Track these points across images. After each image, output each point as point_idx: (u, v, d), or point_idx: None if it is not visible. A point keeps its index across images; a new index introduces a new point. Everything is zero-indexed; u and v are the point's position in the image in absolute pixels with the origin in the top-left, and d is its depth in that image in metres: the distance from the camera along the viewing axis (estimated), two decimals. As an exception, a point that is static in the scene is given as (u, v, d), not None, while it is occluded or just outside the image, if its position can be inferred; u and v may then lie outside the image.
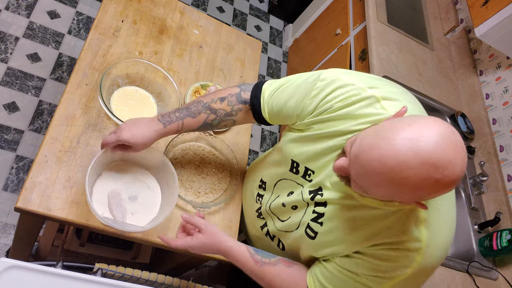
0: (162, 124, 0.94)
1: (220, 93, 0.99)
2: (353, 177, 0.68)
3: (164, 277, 0.96)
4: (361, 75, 0.85)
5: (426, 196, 0.63)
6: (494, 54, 2.02)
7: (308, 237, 0.89)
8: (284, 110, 0.91)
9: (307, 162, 0.89)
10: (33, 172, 0.91)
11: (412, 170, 0.58)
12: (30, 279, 0.69)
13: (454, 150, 0.59)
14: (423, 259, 0.75)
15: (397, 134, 0.60)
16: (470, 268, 1.50)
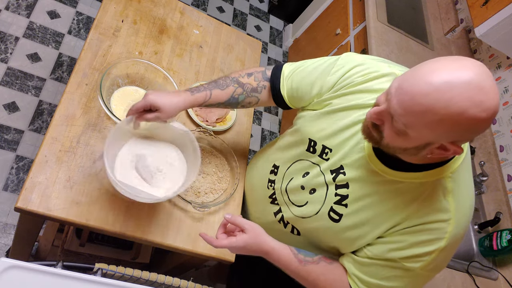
0: (190, 92, 0.95)
1: (247, 70, 1.02)
2: (394, 113, 0.66)
3: (164, 277, 0.96)
4: (376, 57, 0.89)
5: (467, 127, 0.62)
6: (494, 54, 2.02)
7: (332, 220, 0.87)
8: (304, 86, 0.93)
9: (325, 139, 0.88)
10: (33, 172, 0.91)
11: (458, 89, 0.60)
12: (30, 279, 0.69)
13: (492, 79, 0.62)
14: (454, 228, 0.76)
15: (440, 64, 0.64)
16: (470, 268, 1.50)
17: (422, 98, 0.62)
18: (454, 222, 0.76)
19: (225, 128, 1.25)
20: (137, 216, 0.99)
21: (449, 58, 0.64)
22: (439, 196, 0.76)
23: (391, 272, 0.82)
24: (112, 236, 0.97)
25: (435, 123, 0.63)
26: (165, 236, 1.01)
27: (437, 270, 0.82)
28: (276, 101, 1.01)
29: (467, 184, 0.80)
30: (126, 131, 0.93)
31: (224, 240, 0.88)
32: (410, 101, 0.64)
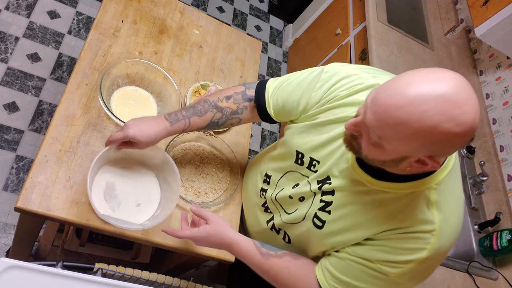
0: (168, 122, 0.95)
1: (225, 92, 1.00)
2: (369, 124, 0.66)
3: (164, 277, 0.96)
4: (362, 66, 0.88)
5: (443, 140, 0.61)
6: (494, 54, 2.02)
7: (315, 227, 0.87)
8: (289, 103, 0.92)
9: (312, 152, 0.89)
10: (33, 172, 0.91)
11: (431, 102, 0.58)
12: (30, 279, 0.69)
13: (469, 92, 0.60)
14: (437, 240, 0.75)
15: (416, 75, 0.62)
16: (470, 268, 1.50)
17: (396, 111, 0.61)
18: (438, 234, 0.75)
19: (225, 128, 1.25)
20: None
21: (426, 70, 0.63)
22: (423, 208, 0.75)
23: (364, 273, 0.80)
24: (112, 236, 0.97)
25: (409, 136, 0.62)
26: (165, 236, 1.01)
27: (416, 280, 0.81)
28: (263, 118, 1.00)
29: (454, 195, 0.79)
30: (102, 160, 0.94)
31: (187, 231, 0.91)
32: (384, 113, 0.63)
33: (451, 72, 0.62)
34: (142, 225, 0.92)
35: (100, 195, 0.95)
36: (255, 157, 1.21)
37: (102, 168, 0.98)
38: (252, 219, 1.12)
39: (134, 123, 0.92)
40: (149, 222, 0.95)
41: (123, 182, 0.99)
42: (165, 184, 1.03)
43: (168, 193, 1.01)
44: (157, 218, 0.94)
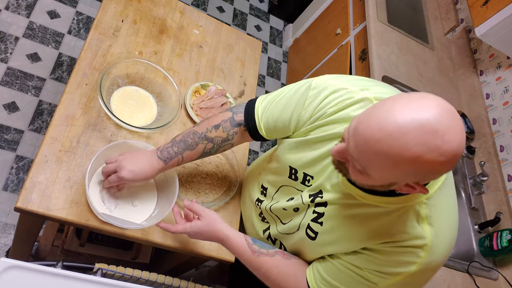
0: (162, 161, 0.95)
1: (212, 121, 0.98)
2: (352, 154, 0.66)
3: (164, 277, 0.96)
4: (350, 78, 0.85)
5: (426, 169, 0.60)
6: (494, 54, 2.02)
7: (309, 238, 0.88)
8: (280, 122, 0.91)
9: (305, 168, 0.88)
10: (33, 172, 0.91)
11: (411, 134, 0.57)
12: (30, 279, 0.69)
13: (453, 119, 0.58)
14: (428, 255, 0.75)
15: (397, 103, 0.60)
16: (470, 268, 1.50)
17: (375, 144, 0.60)
18: (429, 249, 0.74)
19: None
20: (137, 216, 0.99)
21: (407, 98, 0.61)
22: (413, 222, 0.74)
23: (354, 279, 0.81)
24: (112, 236, 0.97)
25: (391, 167, 0.61)
26: (165, 236, 1.01)
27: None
28: (255, 139, 0.99)
29: (447, 210, 0.78)
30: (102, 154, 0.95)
31: (179, 226, 0.93)
32: (365, 145, 0.62)
33: (433, 99, 0.60)
34: (140, 225, 0.93)
35: (97, 194, 0.95)
36: (253, 165, 1.21)
37: (100, 168, 0.98)
38: (250, 227, 1.13)
39: (128, 164, 0.91)
40: (146, 223, 0.95)
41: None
42: (162, 184, 1.03)
43: (165, 193, 1.01)
44: (154, 218, 0.95)
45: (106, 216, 0.89)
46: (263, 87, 2.72)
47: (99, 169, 0.98)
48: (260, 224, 1.07)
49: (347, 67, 2.06)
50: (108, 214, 0.93)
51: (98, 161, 0.93)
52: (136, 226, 0.92)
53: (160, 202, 1.01)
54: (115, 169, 0.92)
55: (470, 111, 2.02)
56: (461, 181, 1.75)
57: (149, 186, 1.04)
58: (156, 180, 1.05)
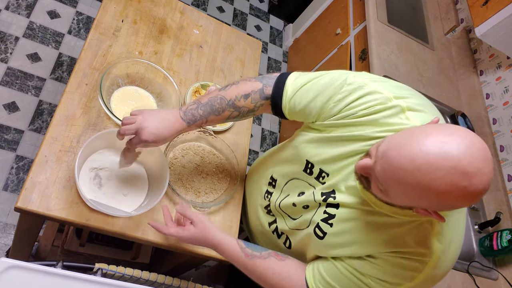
0: (186, 123, 0.92)
1: (242, 88, 0.96)
2: (377, 176, 0.67)
3: (164, 277, 0.96)
4: (388, 83, 0.83)
5: (449, 204, 0.62)
6: (494, 54, 2.02)
7: (316, 236, 0.88)
8: (307, 109, 0.89)
9: (323, 164, 0.87)
10: (33, 172, 0.91)
11: (440, 172, 0.58)
12: (30, 279, 0.69)
13: (484, 160, 0.59)
14: (431, 270, 0.76)
15: (430, 136, 0.61)
16: (470, 268, 1.50)
17: (404, 174, 0.61)
18: (433, 264, 0.75)
19: (225, 128, 1.25)
20: (137, 216, 0.99)
21: (443, 131, 0.61)
22: (424, 237, 0.75)
23: (354, 284, 0.82)
24: (112, 236, 0.97)
25: (415, 198, 0.63)
26: (165, 236, 1.01)
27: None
28: (276, 114, 0.98)
29: (457, 229, 0.78)
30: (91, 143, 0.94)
31: (172, 229, 0.92)
32: (392, 172, 0.63)
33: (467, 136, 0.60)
34: (128, 213, 0.93)
35: (87, 182, 0.96)
36: (262, 157, 1.20)
37: (90, 157, 0.99)
38: (254, 218, 1.12)
39: (150, 124, 0.88)
40: (135, 212, 0.96)
41: (111, 171, 1.00)
42: (153, 175, 1.04)
43: (156, 184, 1.01)
44: (143, 208, 0.96)
45: (94, 203, 0.89)
46: (263, 87, 2.72)
47: (91, 157, 0.98)
48: (265, 216, 1.06)
49: (347, 67, 2.06)
50: (97, 201, 0.93)
51: (89, 148, 0.94)
52: (124, 214, 0.93)
53: (151, 193, 1.02)
54: (135, 130, 0.88)
55: (470, 111, 2.02)
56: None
57: (140, 177, 1.04)
58: (147, 171, 1.05)
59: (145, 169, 1.06)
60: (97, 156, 1.00)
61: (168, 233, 0.92)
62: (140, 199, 1.01)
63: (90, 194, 0.95)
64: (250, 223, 1.16)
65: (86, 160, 0.98)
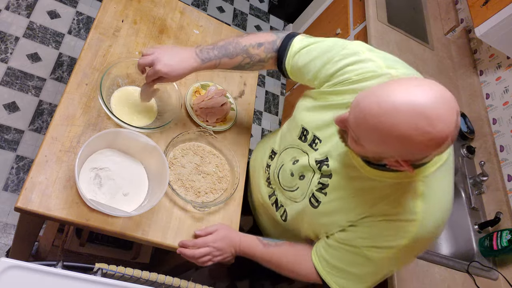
0: (200, 60, 0.97)
1: (258, 37, 1.02)
2: (350, 124, 0.71)
3: (164, 277, 0.95)
4: (383, 54, 0.89)
5: (414, 149, 0.64)
6: (494, 54, 2.02)
7: (311, 206, 0.93)
8: (306, 69, 0.95)
9: (317, 130, 0.92)
10: (33, 172, 0.91)
11: (404, 116, 0.61)
12: (30, 279, 0.69)
13: (448, 108, 0.61)
14: (417, 230, 0.79)
15: (399, 85, 0.64)
16: (470, 268, 1.50)
17: (371, 119, 0.65)
18: (419, 224, 0.78)
19: (225, 128, 1.25)
20: (137, 216, 0.99)
21: (410, 81, 0.65)
22: (407, 198, 0.78)
23: (353, 258, 0.87)
24: (112, 236, 0.97)
25: (381, 142, 0.66)
26: (165, 236, 1.01)
27: (402, 263, 0.89)
28: (279, 69, 1.03)
29: (442, 190, 0.81)
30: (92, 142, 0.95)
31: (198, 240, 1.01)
32: (362, 119, 0.67)
33: (435, 87, 0.63)
34: (128, 213, 0.93)
35: (87, 182, 0.96)
36: (266, 136, 1.28)
37: (90, 157, 0.99)
38: (256, 193, 1.18)
39: (165, 57, 0.94)
40: (135, 211, 0.96)
41: (111, 171, 1.00)
42: (153, 174, 1.04)
43: (156, 184, 1.01)
44: (144, 208, 0.96)
45: (94, 203, 0.89)
46: (263, 87, 2.72)
47: (91, 156, 0.98)
48: (266, 189, 1.11)
49: (347, 67, 2.06)
50: (97, 201, 0.93)
51: (89, 148, 0.94)
52: (124, 213, 0.93)
53: (151, 193, 1.02)
54: (152, 62, 0.94)
55: (470, 111, 2.02)
56: (461, 181, 1.75)
57: (140, 177, 1.04)
58: (147, 171, 1.05)
59: (145, 169, 1.06)
60: (97, 156, 1.00)
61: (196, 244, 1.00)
62: (140, 199, 1.01)
63: (90, 194, 0.95)
64: (253, 197, 1.21)
65: (86, 160, 0.98)
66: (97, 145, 0.98)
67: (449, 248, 1.69)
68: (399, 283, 1.28)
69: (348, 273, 0.89)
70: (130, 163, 1.04)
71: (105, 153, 1.01)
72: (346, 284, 0.91)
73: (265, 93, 2.70)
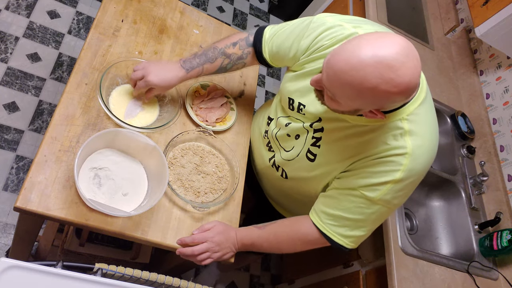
0: (185, 70, 1.08)
1: (231, 38, 1.11)
2: (324, 83, 0.77)
3: (164, 277, 0.95)
4: (345, 16, 0.97)
5: (384, 98, 0.72)
6: (495, 54, 2.02)
7: (309, 160, 1.01)
8: (282, 49, 1.03)
9: (301, 97, 1.00)
10: (33, 172, 0.91)
11: (370, 68, 0.69)
12: (30, 279, 0.69)
13: (408, 56, 0.69)
14: (410, 162, 0.85)
15: (363, 40, 0.71)
16: (470, 268, 1.50)
17: (342, 75, 0.72)
18: (410, 156, 0.85)
19: (225, 128, 1.25)
20: (137, 216, 0.99)
21: (374, 36, 0.71)
22: (396, 136, 0.85)
23: (352, 203, 0.92)
24: (112, 236, 0.97)
25: (354, 95, 0.74)
26: (164, 236, 1.01)
27: (393, 203, 0.92)
28: (261, 62, 1.12)
29: (427, 123, 0.88)
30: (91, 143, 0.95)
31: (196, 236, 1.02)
32: (333, 76, 0.74)
33: (394, 39, 0.70)
34: (128, 213, 0.93)
35: (87, 182, 0.96)
36: (263, 104, 1.38)
37: (89, 157, 0.98)
38: (258, 157, 1.25)
39: (154, 69, 1.04)
40: (134, 211, 0.96)
41: (110, 171, 1.00)
42: (152, 174, 1.04)
43: (155, 184, 1.01)
44: (143, 208, 0.96)
45: (94, 203, 0.89)
46: (263, 87, 2.72)
47: (90, 156, 0.98)
48: (266, 153, 1.18)
49: (347, 67, 2.06)
50: (96, 201, 0.93)
51: (88, 147, 0.94)
52: (124, 213, 0.93)
53: (150, 192, 1.02)
54: (142, 75, 1.04)
55: (470, 111, 2.02)
56: (461, 181, 1.75)
57: (139, 176, 1.04)
58: (146, 171, 1.05)
59: (144, 169, 1.05)
60: (97, 156, 1.00)
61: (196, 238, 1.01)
62: (140, 199, 1.01)
63: (90, 194, 0.95)
64: (256, 163, 1.28)
65: (86, 159, 0.98)
66: (97, 145, 0.98)
67: (449, 248, 1.69)
68: (399, 283, 1.28)
69: (348, 220, 0.94)
70: (130, 163, 1.04)
71: (105, 153, 1.01)
72: (346, 232, 0.95)
73: (265, 93, 2.70)
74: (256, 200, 1.40)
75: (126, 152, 1.04)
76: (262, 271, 2.08)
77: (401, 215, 1.44)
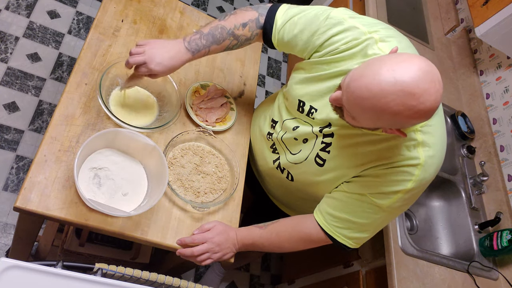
0: (190, 53, 1.01)
1: (240, 17, 1.05)
2: (345, 105, 0.78)
3: (164, 277, 0.95)
4: (365, 19, 0.94)
5: (405, 122, 0.73)
6: (495, 54, 2.02)
7: (317, 164, 0.99)
8: (293, 41, 1.00)
9: (312, 101, 0.98)
10: (32, 172, 0.91)
11: (392, 96, 0.69)
12: (30, 279, 0.69)
13: (430, 82, 0.68)
14: (421, 172, 0.86)
15: (384, 66, 0.70)
16: (470, 268, 1.50)
17: (363, 101, 0.72)
18: (422, 167, 0.86)
19: (225, 128, 1.25)
20: (136, 216, 0.99)
21: (394, 59, 0.70)
22: (409, 147, 0.86)
23: (360, 207, 0.92)
24: (112, 236, 0.97)
25: (376, 119, 0.74)
26: (164, 236, 1.01)
27: (404, 207, 0.93)
28: (266, 43, 1.08)
29: (439, 134, 0.89)
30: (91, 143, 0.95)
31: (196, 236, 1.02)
32: (354, 100, 0.74)
33: (416, 63, 0.69)
34: (127, 213, 0.93)
35: (86, 182, 0.96)
36: (262, 102, 1.34)
37: (89, 157, 0.98)
38: (261, 159, 1.23)
39: (157, 55, 0.96)
40: (134, 211, 0.96)
41: (110, 171, 1.00)
42: (152, 174, 1.04)
43: (155, 183, 1.01)
44: (143, 208, 0.96)
45: (93, 203, 0.89)
46: (263, 87, 2.72)
47: (90, 156, 0.98)
48: (270, 155, 1.16)
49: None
50: (96, 201, 0.93)
51: (88, 147, 0.94)
52: (123, 213, 0.93)
53: (150, 192, 1.02)
54: (144, 61, 0.96)
55: (470, 111, 2.02)
56: (461, 181, 1.75)
57: (139, 177, 1.04)
58: (146, 171, 1.05)
59: (144, 169, 1.05)
60: (97, 156, 1.00)
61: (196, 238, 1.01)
62: (139, 199, 1.01)
63: (89, 194, 0.95)
64: (258, 165, 1.25)
65: (86, 159, 0.98)
66: (96, 145, 0.98)
67: (449, 248, 1.69)
68: (399, 283, 1.28)
69: (353, 223, 0.94)
70: (130, 163, 1.04)
71: (104, 153, 1.01)
72: (350, 233, 0.96)
73: (265, 93, 2.70)
74: (255, 199, 1.39)
75: (126, 152, 1.04)
76: (262, 271, 2.08)
77: (401, 215, 1.44)
